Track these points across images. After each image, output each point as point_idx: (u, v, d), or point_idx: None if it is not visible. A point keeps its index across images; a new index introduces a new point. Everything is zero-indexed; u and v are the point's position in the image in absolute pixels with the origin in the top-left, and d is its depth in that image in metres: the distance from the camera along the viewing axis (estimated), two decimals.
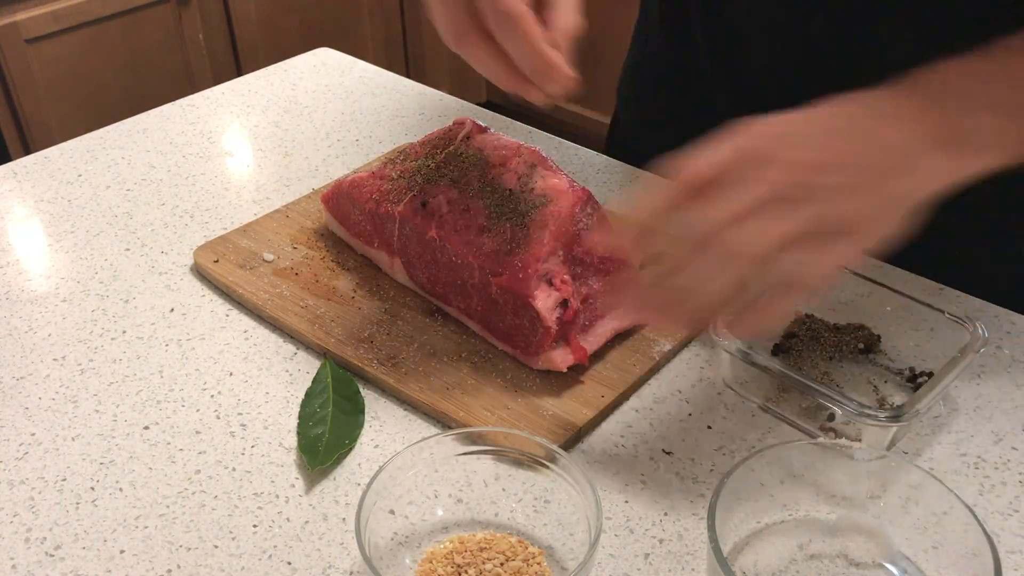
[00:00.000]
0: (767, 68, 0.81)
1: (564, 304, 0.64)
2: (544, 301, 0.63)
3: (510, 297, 0.64)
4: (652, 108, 0.97)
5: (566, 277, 0.64)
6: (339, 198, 0.76)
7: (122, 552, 0.55)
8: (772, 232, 0.52)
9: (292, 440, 0.62)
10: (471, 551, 0.53)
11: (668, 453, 0.61)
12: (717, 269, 0.52)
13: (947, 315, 0.64)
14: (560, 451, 0.54)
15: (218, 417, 0.64)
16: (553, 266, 0.64)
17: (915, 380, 0.65)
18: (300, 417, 0.63)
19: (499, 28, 0.58)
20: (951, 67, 0.57)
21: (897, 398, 0.64)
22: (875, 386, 0.65)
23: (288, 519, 0.57)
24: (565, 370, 0.64)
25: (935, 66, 0.57)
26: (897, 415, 0.56)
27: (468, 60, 0.61)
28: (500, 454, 0.56)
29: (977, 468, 0.59)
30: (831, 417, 0.61)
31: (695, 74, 0.88)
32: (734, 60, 0.84)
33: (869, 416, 0.56)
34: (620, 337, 0.68)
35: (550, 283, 0.64)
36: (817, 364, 0.67)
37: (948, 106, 0.56)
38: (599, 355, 0.67)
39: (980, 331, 0.62)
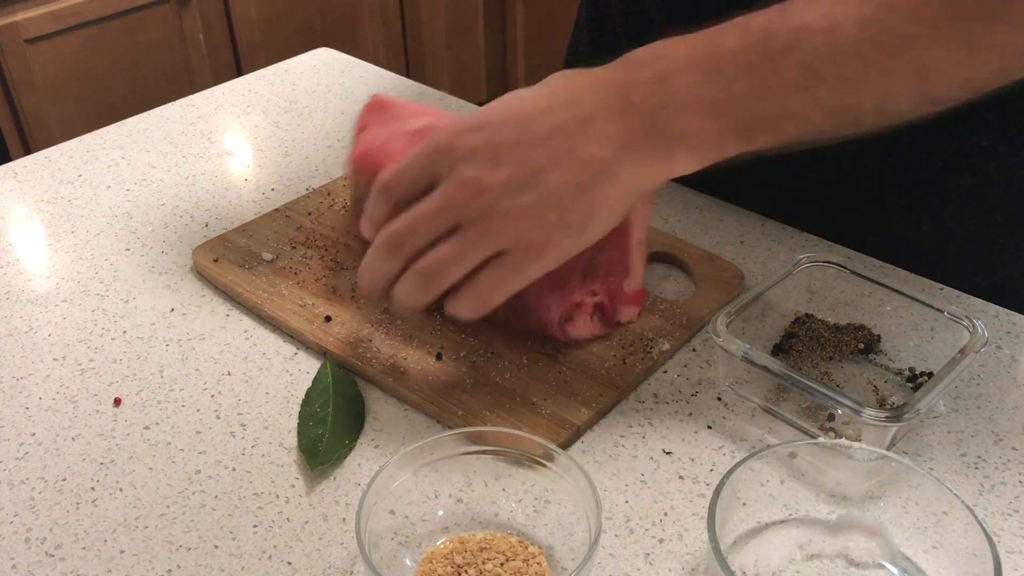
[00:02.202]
0: None
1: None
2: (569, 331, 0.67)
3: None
4: None
5: (584, 300, 0.66)
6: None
7: (122, 552, 0.55)
8: (441, 253, 0.57)
9: (292, 440, 0.62)
10: (471, 551, 0.53)
11: (668, 453, 0.61)
12: (392, 265, 0.59)
13: (947, 315, 0.64)
14: (560, 451, 0.54)
15: (218, 417, 0.64)
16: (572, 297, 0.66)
17: (915, 380, 0.65)
18: (300, 417, 0.63)
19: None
20: (672, 49, 0.55)
21: (897, 398, 0.64)
22: (875, 386, 0.65)
23: (288, 519, 0.57)
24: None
25: (657, 47, 0.56)
26: (897, 415, 0.56)
27: None
28: (500, 454, 0.56)
29: (977, 468, 0.59)
30: (831, 417, 0.61)
31: None
32: None
33: (869, 416, 0.56)
34: (619, 337, 0.68)
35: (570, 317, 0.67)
36: (817, 364, 0.67)
37: (659, 104, 0.55)
38: (598, 355, 0.67)
39: (980, 331, 0.62)
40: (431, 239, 0.58)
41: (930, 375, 0.64)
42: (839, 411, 0.59)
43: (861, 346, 0.67)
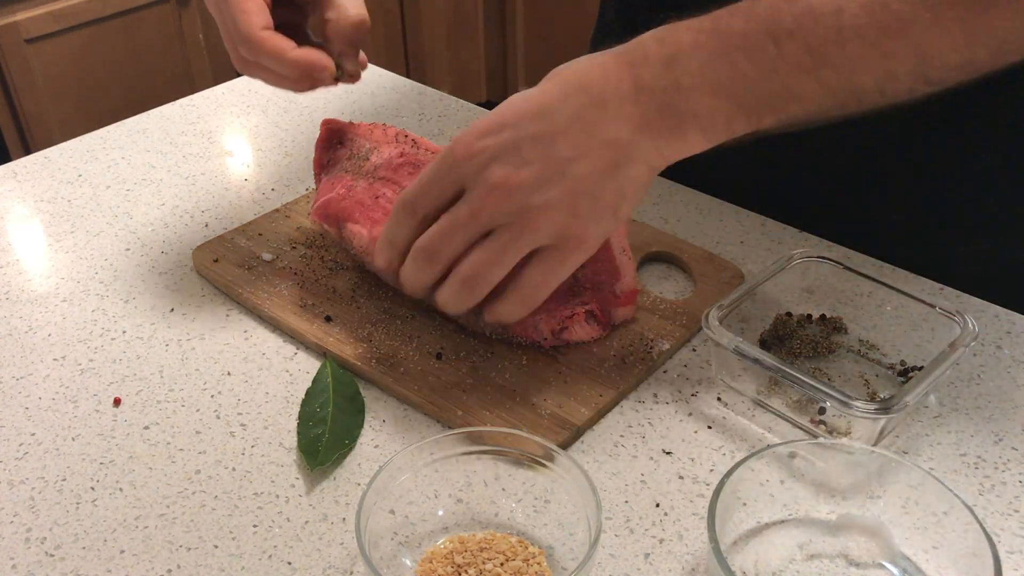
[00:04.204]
0: None
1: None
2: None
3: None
4: None
5: (575, 311, 0.66)
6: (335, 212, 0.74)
7: (122, 552, 0.55)
8: (480, 257, 0.58)
9: (292, 440, 0.62)
10: (471, 551, 0.53)
11: (668, 453, 0.61)
12: (427, 276, 0.60)
13: (938, 310, 0.64)
14: (560, 451, 0.54)
15: (218, 417, 0.64)
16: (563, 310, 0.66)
17: (906, 374, 0.65)
18: (300, 417, 0.63)
19: (252, 57, 0.66)
20: (679, 33, 0.56)
21: (888, 392, 0.64)
22: (867, 380, 0.66)
23: (288, 519, 0.57)
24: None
25: (664, 31, 0.57)
26: (885, 408, 0.56)
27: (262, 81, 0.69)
28: (500, 454, 0.56)
29: (977, 468, 0.59)
30: (822, 410, 0.62)
31: None
32: None
33: (857, 408, 0.57)
34: (619, 337, 0.68)
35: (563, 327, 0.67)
36: (809, 358, 0.67)
37: (668, 87, 0.56)
38: (598, 355, 0.67)
39: (970, 325, 0.62)
40: (466, 246, 0.58)
41: (921, 369, 0.64)
42: (828, 404, 0.59)
43: (852, 342, 0.68)
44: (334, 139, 0.77)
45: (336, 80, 0.70)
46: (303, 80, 0.67)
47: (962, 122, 0.73)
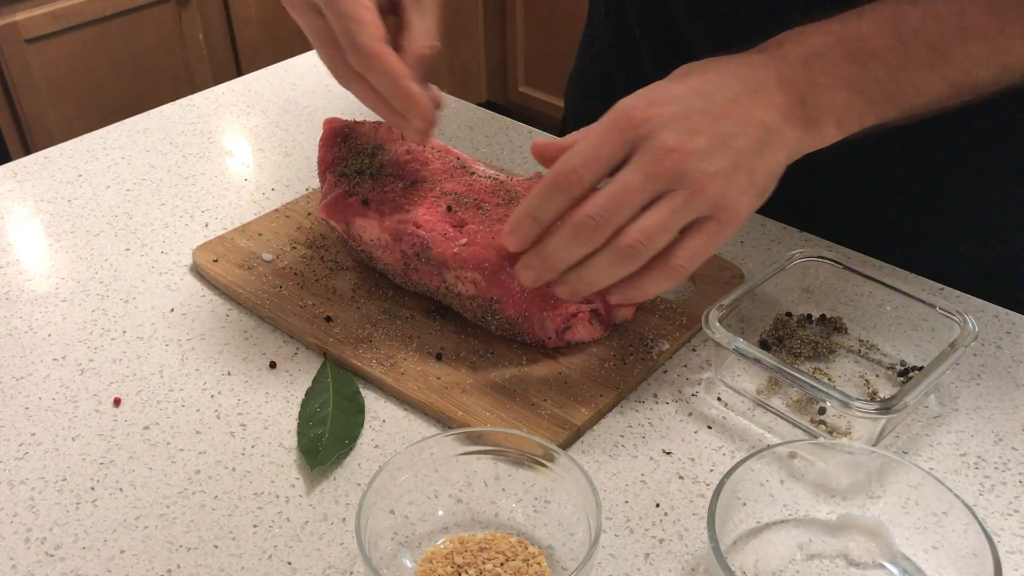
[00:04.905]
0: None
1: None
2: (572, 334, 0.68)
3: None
4: (599, 107, 0.97)
5: (580, 309, 0.66)
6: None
7: (122, 552, 0.55)
8: (650, 222, 0.56)
9: (292, 440, 0.62)
10: (471, 551, 0.53)
11: (668, 453, 0.61)
12: (587, 248, 0.58)
13: (939, 310, 0.64)
14: (560, 451, 0.54)
15: (218, 417, 0.64)
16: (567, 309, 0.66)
17: (906, 374, 0.65)
18: (300, 417, 0.63)
19: (362, 69, 0.61)
20: (811, 37, 0.59)
21: (888, 392, 0.64)
22: (867, 380, 0.66)
23: (288, 519, 0.57)
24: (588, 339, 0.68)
25: (796, 35, 0.60)
26: (885, 407, 0.56)
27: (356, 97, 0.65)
28: (500, 454, 0.56)
29: (977, 468, 0.59)
30: (822, 410, 0.62)
31: (638, 72, 0.87)
32: (673, 56, 0.84)
33: (857, 408, 0.57)
34: (619, 337, 0.68)
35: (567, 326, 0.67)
36: (810, 358, 0.67)
37: (806, 82, 0.58)
38: (598, 355, 0.67)
39: (970, 325, 0.62)
40: (635, 213, 0.57)
41: (921, 369, 0.64)
42: (828, 404, 0.59)
43: (852, 342, 0.68)
44: (338, 138, 0.77)
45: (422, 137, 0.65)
46: (398, 115, 0.63)
47: (962, 122, 0.73)
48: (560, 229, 0.58)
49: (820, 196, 0.82)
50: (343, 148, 0.76)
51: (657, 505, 0.57)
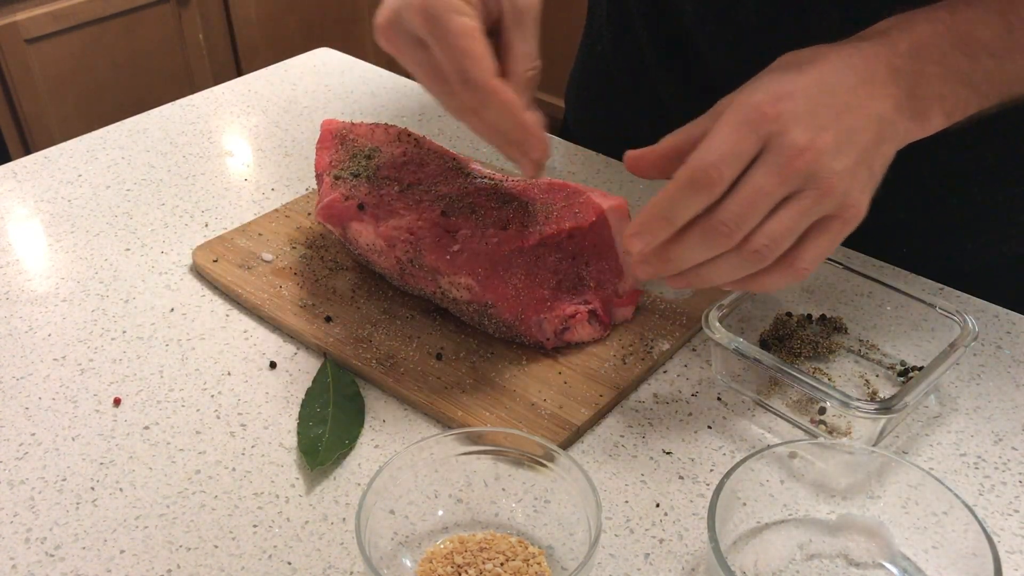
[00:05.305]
0: (712, 62, 0.80)
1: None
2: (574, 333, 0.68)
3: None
4: (602, 108, 0.96)
5: (579, 310, 0.66)
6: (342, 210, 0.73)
7: (122, 552, 0.55)
8: (780, 225, 0.55)
9: (292, 440, 0.62)
10: (471, 551, 0.53)
11: (668, 453, 0.61)
12: (716, 253, 0.55)
13: (938, 310, 0.64)
14: (560, 451, 0.54)
15: (218, 417, 0.64)
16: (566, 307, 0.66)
17: (906, 374, 0.65)
18: (300, 417, 0.63)
19: (477, 104, 0.59)
20: (917, 24, 0.58)
21: (888, 392, 0.64)
22: (867, 380, 0.66)
23: (288, 519, 0.57)
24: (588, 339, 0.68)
25: (901, 21, 0.59)
26: (886, 407, 0.56)
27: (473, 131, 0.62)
28: (500, 454, 0.56)
29: (977, 468, 0.59)
30: (822, 410, 0.62)
31: (642, 72, 0.87)
32: (678, 56, 0.83)
33: (857, 408, 0.57)
34: (619, 337, 0.68)
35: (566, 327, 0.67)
36: (810, 358, 0.67)
37: (916, 72, 0.57)
38: (598, 355, 0.67)
39: (970, 325, 0.62)
40: (765, 215, 0.55)
41: (921, 370, 0.64)
42: (828, 404, 0.59)
43: (852, 342, 0.68)
44: (335, 140, 0.77)
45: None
46: (515, 147, 0.61)
47: (963, 122, 0.73)
48: (690, 233, 0.56)
49: None
50: (340, 150, 0.76)
51: (657, 505, 0.57)
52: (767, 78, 0.58)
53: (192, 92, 1.07)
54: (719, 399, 0.65)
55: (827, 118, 0.55)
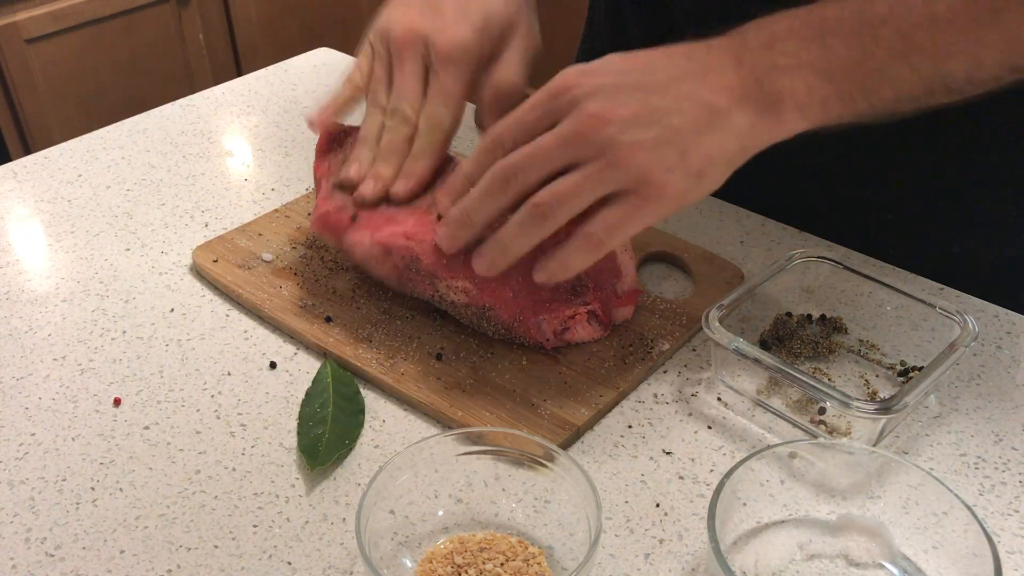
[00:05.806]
0: None
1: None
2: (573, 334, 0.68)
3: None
4: None
5: (578, 311, 0.66)
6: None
7: (122, 552, 0.55)
8: (562, 186, 0.56)
9: (292, 440, 0.62)
10: (471, 551, 0.53)
11: (668, 453, 0.61)
12: (498, 202, 0.59)
13: (938, 310, 0.64)
14: (560, 451, 0.54)
15: (218, 417, 0.64)
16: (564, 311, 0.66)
17: (906, 374, 0.65)
18: (300, 417, 0.63)
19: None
20: (776, 22, 0.58)
21: (888, 392, 0.64)
22: (867, 380, 0.66)
23: (288, 519, 0.57)
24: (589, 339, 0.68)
25: (761, 21, 0.59)
26: (885, 407, 0.56)
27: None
28: (500, 454, 0.56)
29: (977, 468, 0.59)
30: (822, 410, 0.62)
31: None
32: None
33: (857, 408, 0.57)
34: (619, 337, 0.68)
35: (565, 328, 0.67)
36: (810, 358, 0.67)
37: (765, 65, 0.57)
38: (598, 355, 0.67)
39: (970, 325, 0.62)
40: (546, 175, 0.57)
41: (921, 370, 0.64)
42: (828, 404, 0.59)
43: (852, 342, 0.68)
44: (334, 143, 0.77)
45: None
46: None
47: (962, 122, 0.73)
48: (478, 183, 0.60)
49: (820, 196, 0.82)
50: (339, 154, 0.76)
51: (657, 505, 0.57)
52: (602, 59, 0.59)
53: (192, 92, 1.07)
54: (719, 399, 0.65)
55: (631, 95, 0.56)
